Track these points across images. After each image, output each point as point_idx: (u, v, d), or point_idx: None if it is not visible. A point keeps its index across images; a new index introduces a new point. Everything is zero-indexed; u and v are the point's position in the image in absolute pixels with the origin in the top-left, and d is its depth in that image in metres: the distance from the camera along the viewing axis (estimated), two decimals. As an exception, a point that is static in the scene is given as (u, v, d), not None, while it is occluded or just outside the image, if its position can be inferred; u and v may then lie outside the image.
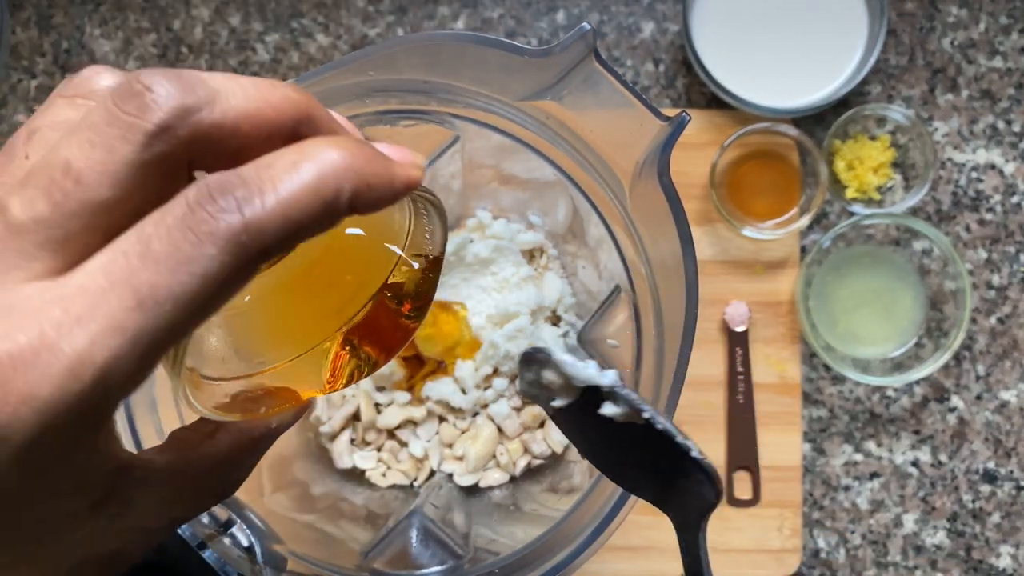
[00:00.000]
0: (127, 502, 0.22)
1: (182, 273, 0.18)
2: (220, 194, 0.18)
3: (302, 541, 0.45)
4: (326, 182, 0.19)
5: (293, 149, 0.20)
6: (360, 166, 0.20)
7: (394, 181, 0.21)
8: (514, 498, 0.58)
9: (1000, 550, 0.67)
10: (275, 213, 0.19)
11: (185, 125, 0.19)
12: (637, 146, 0.38)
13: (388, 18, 0.70)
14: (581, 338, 0.50)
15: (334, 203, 0.20)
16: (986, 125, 0.69)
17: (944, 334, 0.65)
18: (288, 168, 0.19)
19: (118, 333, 0.18)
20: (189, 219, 0.18)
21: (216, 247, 0.18)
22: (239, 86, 0.20)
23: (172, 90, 0.19)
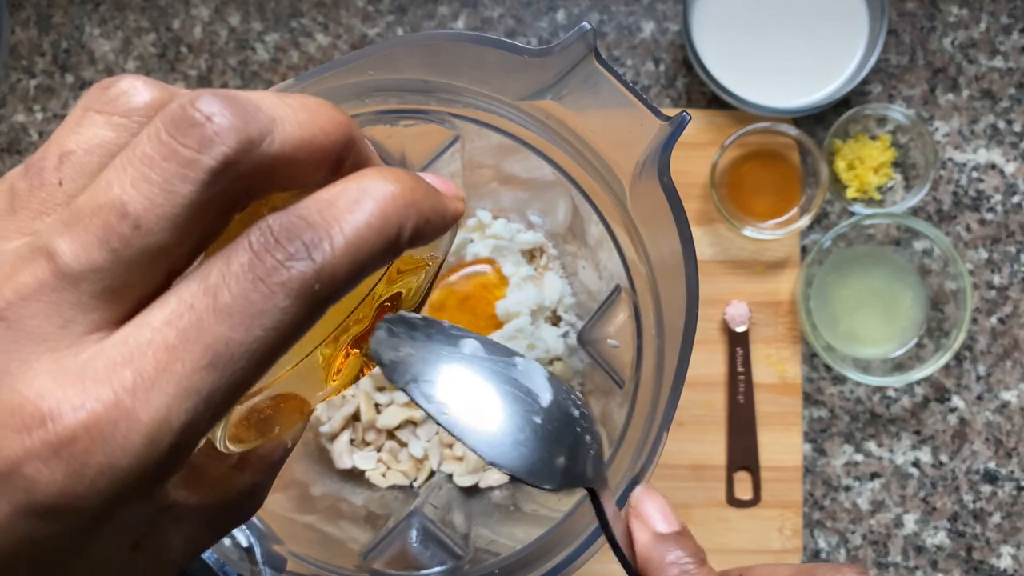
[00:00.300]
0: (164, 541, 0.21)
1: (256, 328, 0.17)
2: (287, 240, 0.17)
3: (302, 541, 0.45)
4: (390, 221, 0.19)
5: (352, 185, 0.19)
6: (419, 202, 0.19)
7: (447, 216, 0.21)
8: (514, 498, 0.58)
9: (1001, 550, 0.67)
10: (345, 257, 0.18)
11: (250, 160, 0.18)
12: (637, 146, 0.38)
13: (388, 18, 0.70)
14: (581, 338, 0.49)
15: (397, 241, 0.19)
16: (987, 125, 0.69)
17: (945, 334, 0.65)
18: (351, 207, 0.18)
19: (194, 395, 0.17)
20: (258, 268, 0.17)
21: (290, 298, 0.17)
22: (292, 112, 0.19)
23: (235, 120, 0.17)
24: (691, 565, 0.27)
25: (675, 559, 0.27)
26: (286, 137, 0.18)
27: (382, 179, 0.19)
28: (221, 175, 0.17)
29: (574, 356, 0.59)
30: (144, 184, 0.17)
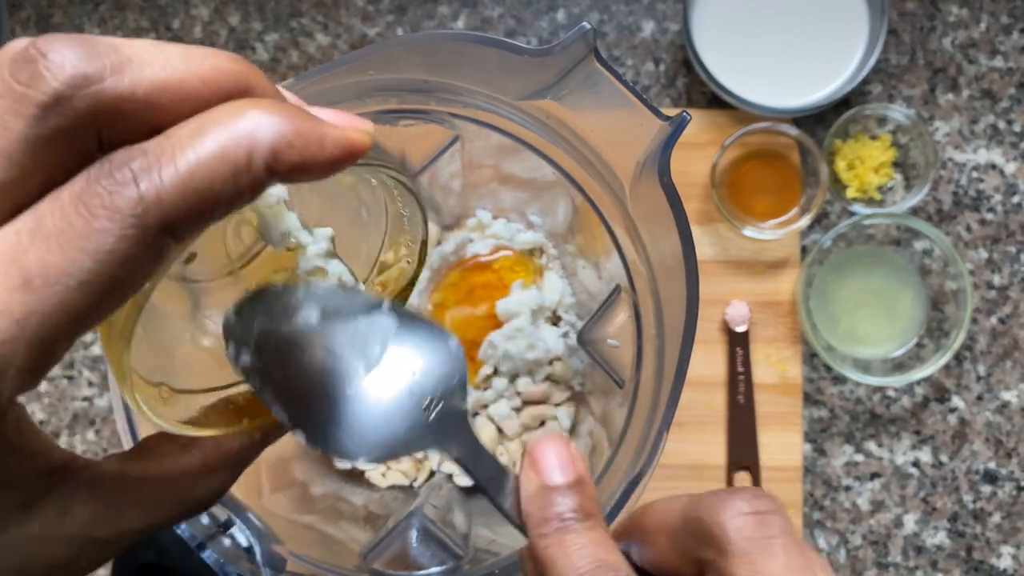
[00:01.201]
0: (66, 507, 0.20)
1: (73, 250, 0.17)
2: (118, 167, 0.17)
3: (301, 542, 0.45)
4: (235, 143, 0.17)
5: (202, 114, 0.18)
6: (277, 124, 0.18)
7: (324, 142, 0.19)
8: (514, 498, 0.58)
9: (1001, 551, 0.67)
10: (174, 181, 0.17)
11: (84, 96, 0.17)
12: (637, 146, 0.38)
13: (388, 17, 0.70)
14: (581, 338, 0.49)
15: (247, 167, 0.18)
16: (987, 125, 0.69)
17: (945, 334, 0.65)
18: (192, 133, 0.18)
19: (5, 316, 0.16)
20: (84, 194, 0.17)
21: (111, 222, 0.17)
22: (161, 54, 0.18)
23: (71, 57, 0.17)
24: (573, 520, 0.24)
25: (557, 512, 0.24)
26: (139, 78, 0.18)
27: (237, 105, 0.18)
28: (50, 110, 0.17)
29: (574, 356, 0.59)
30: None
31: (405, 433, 0.24)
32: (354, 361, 0.24)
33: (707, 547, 0.23)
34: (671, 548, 0.24)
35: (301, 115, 0.19)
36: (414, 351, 0.25)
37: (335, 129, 0.19)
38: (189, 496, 0.24)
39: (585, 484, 0.25)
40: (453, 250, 0.59)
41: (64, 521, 0.20)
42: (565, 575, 0.22)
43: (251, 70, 0.19)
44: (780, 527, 0.22)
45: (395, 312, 0.25)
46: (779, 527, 0.22)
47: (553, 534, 0.23)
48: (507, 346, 0.57)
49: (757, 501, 0.23)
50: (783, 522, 0.23)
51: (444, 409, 0.25)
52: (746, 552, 0.22)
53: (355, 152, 0.19)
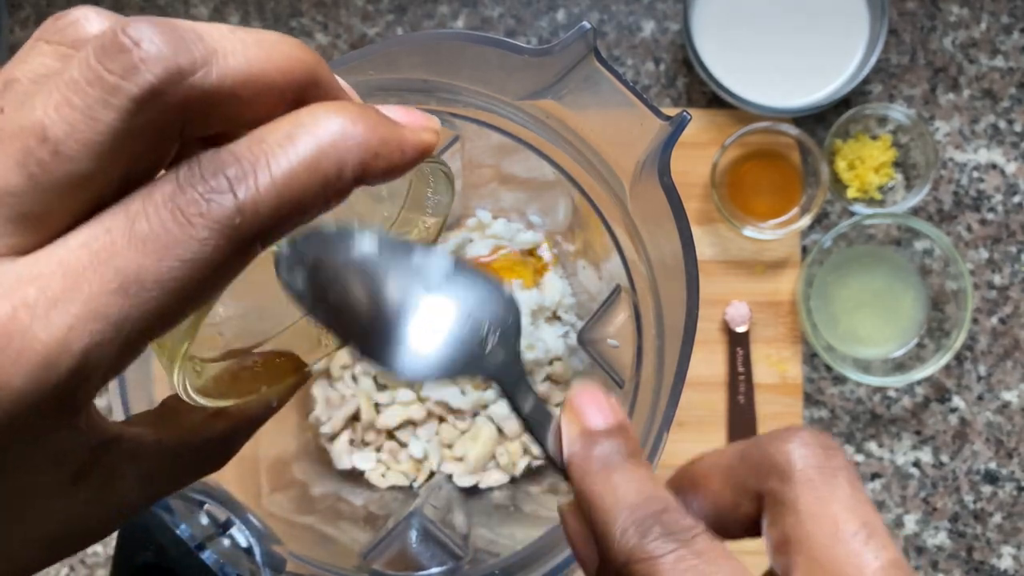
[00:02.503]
0: (112, 476, 0.21)
1: (171, 258, 0.17)
2: (212, 174, 0.17)
3: (301, 542, 0.44)
4: (326, 155, 0.18)
5: (289, 119, 0.18)
6: (364, 134, 0.18)
7: (404, 148, 0.19)
8: (514, 499, 0.58)
9: (1001, 551, 0.67)
10: (270, 193, 0.17)
11: (178, 91, 0.17)
12: (637, 145, 0.38)
13: (387, 17, 0.70)
14: (581, 338, 0.49)
15: (337, 178, 0.18)
16: (987, 125, 0.69)
17: (945, 334, 0.64)
18: (283, 141, 0.18)
19: (99, 319, 0.16)
20: (179, 199, 0.17)
21: (208, 231, 0.17)
22: (240, 43, 0.18)
23: (164, 48, 0.17)
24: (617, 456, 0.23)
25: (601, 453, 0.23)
26: (227, 70, 0.17)
27: (323, 111, 0.18)
28: (145, 104, 0.17)
29: (574, 356, 0.59)
30: (67, 109, 0.16)
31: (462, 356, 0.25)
32: (413, 284, 0.24)
33: (768, 476, 0.22)
34: (725, 486, 0.23)
35: (382, 121, 0.19)
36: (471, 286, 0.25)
37: (411, 132, 0.20)
38: (210, 461, 0.24)
39: (627, 428, 0.25)
40: (453, 250, 0.59)
41: (107, 490, 0.21)
42: (613, 512, 0.22)
43: (317, 59, 0.20)
44: (846, 461, 0.22)
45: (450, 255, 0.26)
46: (844, 461, 0.22)
47: (599, 473, 0.23)
48: (507, 346, 0.57)
49: (821, 435, 0.22)
50: (847, 458, 0.22)
51: (499, 342, 0.25)
52: (812, 480, 0.21)
53: (427, 153, 0.20)
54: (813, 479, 0.21)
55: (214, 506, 0.39)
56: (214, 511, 0.40)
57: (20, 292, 0.16)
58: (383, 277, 0.23)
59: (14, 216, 0.17)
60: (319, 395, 0.60)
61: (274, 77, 0.18)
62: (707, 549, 0.20)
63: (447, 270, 0.25)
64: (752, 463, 0.23)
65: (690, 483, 0.24)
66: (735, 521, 0.23)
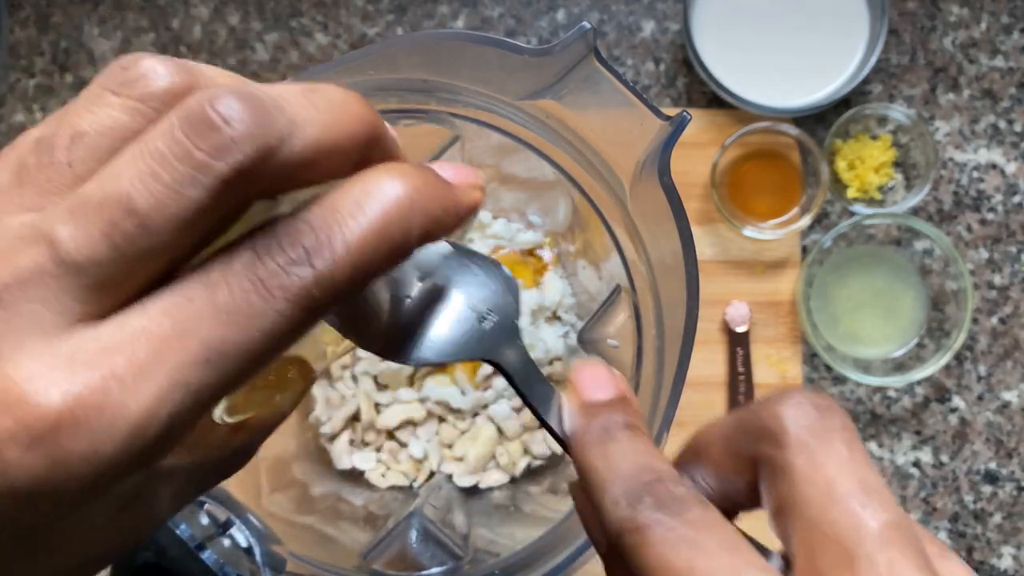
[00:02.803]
0: (153, 499, 0.21)
1: (252, 329, 0.17)
2: (290, 245, 0.17)
3: (301, 542, 0.44)
4: (394, 225, 0.18)
5: (358, 186, 0.18)
6: (427, 202, 0.19)
7: (459, 210, 0.20)
8: (514, 499, 0.58)
9: (1001, 551, 0.67)
10: (345, 263, 0.18)
11: (265, 168, 0.17)
12: (637, 145, 0.38)
13: (387, 17, 0.70)
14: (581, 338, 0.49)
15: (404, 243, 0.18)
16: (987, 125, 0.69)
17: (945, 334, 0.64)
18: (354, 211, 0.18)
19: (184, 387, 0.17)
20: (260, 270, 0.17)
21: (288, 303, 0.17)
22: (316, 113, 0.18)
23: (253, 126, 0.17)
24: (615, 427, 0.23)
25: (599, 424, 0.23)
26: (307, 142, 0.18)
27: (389, 179, 0.19)
28: (235, 183, 0.17)
29: (574, 356, 0.59)
30: (154, 183, 0.17)
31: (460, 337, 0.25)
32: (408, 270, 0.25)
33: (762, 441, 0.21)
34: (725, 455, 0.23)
35: (440, 185, 0.19)
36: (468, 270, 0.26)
37: (464, 193, 0.20)
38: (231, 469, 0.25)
39: (628, 401, 0.24)
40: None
41: (147, 512, 0.21)
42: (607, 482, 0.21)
43: (377, 117, 0.20)
44: (842, 422, 0.21)
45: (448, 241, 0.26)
46: (841, 421, 0.21)
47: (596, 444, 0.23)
48: (507, 346, 0.57)
49: (817, 396, 0.21)
50: (845, 418, 0.21)
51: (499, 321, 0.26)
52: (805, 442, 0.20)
53: (477, 210, 0.21)
54: (806, 441, 0.20)
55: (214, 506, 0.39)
56: (214, 511, 0.40)
57: (108, 361, 0.16)
58: None
59: (96, 284, 0.17)
60: (319, 395, 0.60)
61: (344, 143, 0.19)
62: (699, 518, 0.20)
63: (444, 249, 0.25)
64: (747, 429, 0.22)
65: (693, 454, 0.24)
66: (738, 491, 0.22)
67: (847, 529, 0.19)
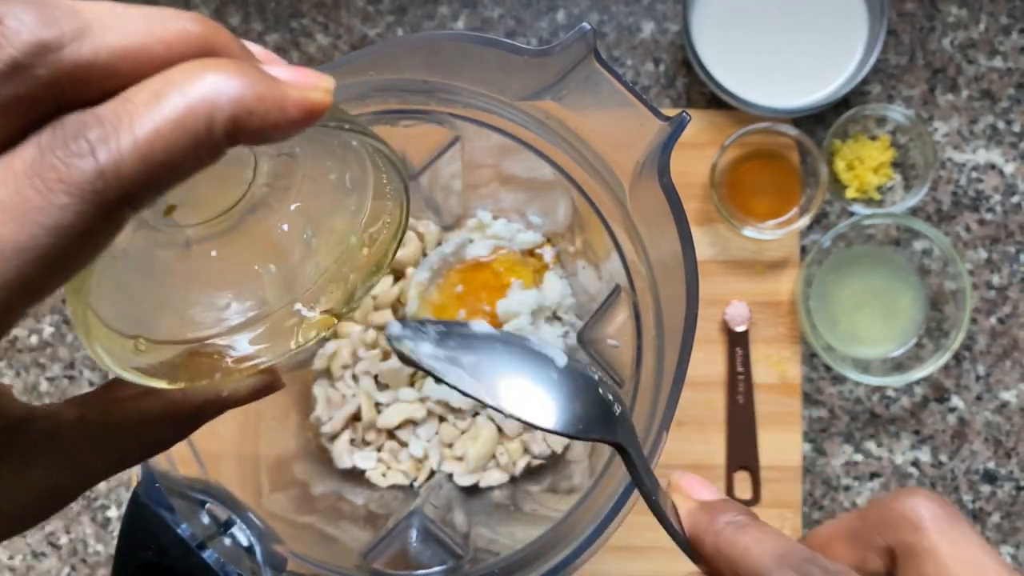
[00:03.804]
0: (28, 459, 0.21)
1: (30, 224, 0.16)
2: (73, 137, 0.17)
3: (302, 541, 0.45)
4: (195, 113, 0.17)
5: (159, 77, 0.18)
6: (238, 90, 0.18)
7: (285, 106, 0.18)
8: (514, 498, 0.58)
9: (1001, 551, 0.67)
10: (134, 154, 0.17)
11: (43, 64, 0.17)
12: (637, 146, 0.38)
13: (388, 18, 0.70)
14: (581, 338, 0.49)
15: (207, 136, 0.17)
16: (986, 125, 0.69)
17: (944, 334, 0.65)
18: (149, 100, 0.17)
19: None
20: (38, 165, 0.16)
21: (68, 196, 0.16)
22: (120, 19, 0.18)
23: (29, 22, 0.16)
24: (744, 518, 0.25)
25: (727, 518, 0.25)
26: (100, 44, 0.17)
27: (196, 69, 0.18)
28: (7, 78, 0.16)
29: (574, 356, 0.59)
30: None
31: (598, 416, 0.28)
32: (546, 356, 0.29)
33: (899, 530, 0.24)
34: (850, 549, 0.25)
35: (260, 77, 0.18)
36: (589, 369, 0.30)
37: (295, 90, 0.19)
38: (148, 440, 0.24)
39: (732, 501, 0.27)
40: (453, 251, 0.59)
41: (25, 473, 0.21)
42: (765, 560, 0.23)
43: (215, 30, 0.19)
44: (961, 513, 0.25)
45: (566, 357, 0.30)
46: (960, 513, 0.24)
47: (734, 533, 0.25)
48: (507, 346, 0.57)
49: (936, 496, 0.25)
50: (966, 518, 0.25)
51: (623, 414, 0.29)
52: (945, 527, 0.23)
53: (315, 114, 0.19)
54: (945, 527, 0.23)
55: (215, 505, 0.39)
56: (215, 510, 0.40)
57: None
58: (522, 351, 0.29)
59: None
60: (320, 395, 0.60)
61: (158, 50, 0.18)
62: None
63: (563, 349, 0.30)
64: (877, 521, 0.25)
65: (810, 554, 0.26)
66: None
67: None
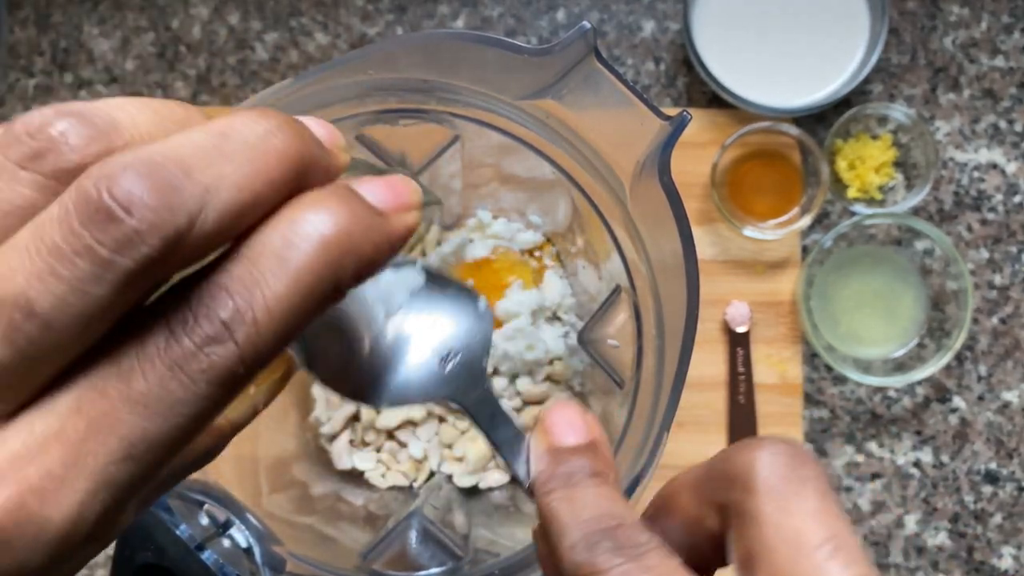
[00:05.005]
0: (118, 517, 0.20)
1: (175, 416, 0.16)
2: (206, 319, 0.16)
3: (301, 542, 0.44)
4: (322, 275, 0.16)
5: (277, 233, 0.16)
6: (357, 241, 0.17)
7: (392, 241, 0.18)
8: (514, 499, 0.58)
9: (1002, 551, 0.67)
10: (271, 331, 0.16)
11: (176, 252, 0.15)
12: (637, 145, 0.38)
13: (387, 17, 0.70)
14: (581, 338, 0.49)
15: (333, 297, 0.17)
16: (988, 124, 0.69)
17: (946, 334, 0.64)
18: (276, 267, 0.16)
19: (108, 488, 0.16)
20: (175, 353, 0.15)
21: (211, 386, 0.16)
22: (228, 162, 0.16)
23: (156, 207, 0.15)
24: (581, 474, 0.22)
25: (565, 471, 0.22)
26: (223, 210, 0.16)
27: (314, 220, 0.16)
28: (142, 275, 0.15)
29: (574, 356, 0.59)
30: (53, 280, 0.15)
31: (419, 380, 0.24)
32: (376, 307, 0.24)
33: (731, 488, 0.21)
34: (692, 502, 0.22)
35: (369, 218, 0.17)
36: (438, 305, 0.25)
37: (398, 220, 0.18)
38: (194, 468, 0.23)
39: (598, 446, 0.23)
40: (453, 250, 0.59)
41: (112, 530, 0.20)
42: (568, 527, 0.20)
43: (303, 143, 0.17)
44: (815, 471, 0.20)
45: (424, 270, 0.25)
46: (814, 471, 0.20)
47: (559, 490, 0.22)
48: (507, 346, 0.57)
49: (790, 444, 0.21)
50: (819, 467, 0.20)
51: (462, 362, 0.25)
52: (775, 489, 0.20)
53: (412, 233, 0.19)
54: (777, 488, 0.20)
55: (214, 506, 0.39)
56: (214, 511, 0.39)
57: (21, 475, 0.15)
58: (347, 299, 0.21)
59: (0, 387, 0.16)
60: (319, 395, 0.60)
61: (268, 196, 0.16)
62: (657, 564, 0.19)
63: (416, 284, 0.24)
64: (717, 474, 0.21)
65: (662, 503, 0.23)
66: (704, 539, 0.22)
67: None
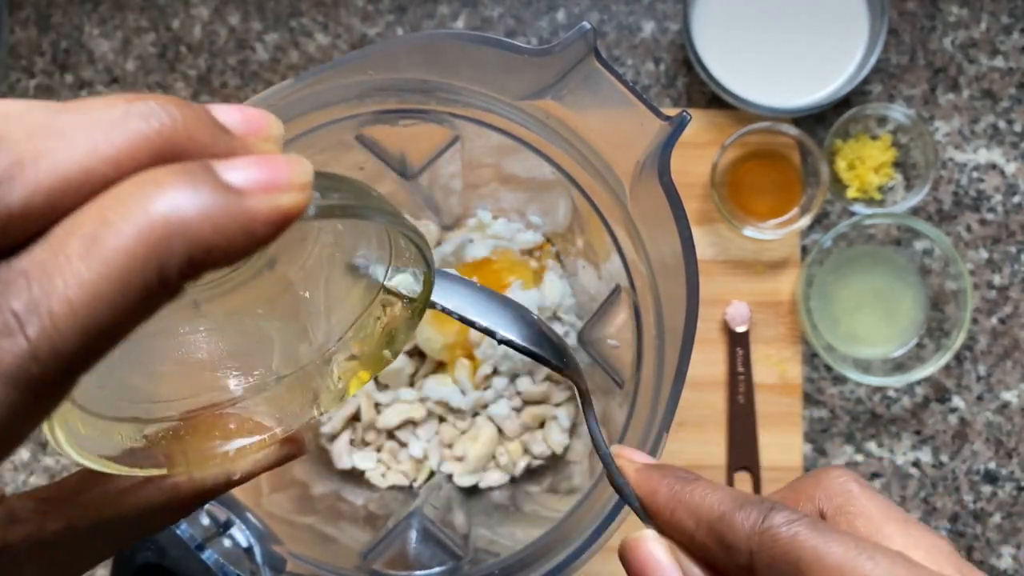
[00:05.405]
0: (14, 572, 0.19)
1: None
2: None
3: (301, 542, 0.44)
4: (141, 263, 0.14)
5: (94, 211, 0.14)
6: (191, 221, 0.14)
7: (253, 227, 0.15)
8: (514, 499, 0.58)
9: (1001, 551, 0.67)
10: (72, 324, 0.14)
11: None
12: (637, 146, 0.38)
13: (388, 17, 0.70)
14: (581, 338, 0.49)
15: (159, 286, 0.14)
16: (987, 125, 0.69)
17: (945, 334, 0.64)
18: (84, 249, 0.14)
19: None
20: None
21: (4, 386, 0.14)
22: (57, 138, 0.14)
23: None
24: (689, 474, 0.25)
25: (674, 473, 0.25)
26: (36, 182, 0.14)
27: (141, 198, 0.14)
28: None
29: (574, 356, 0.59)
30: None
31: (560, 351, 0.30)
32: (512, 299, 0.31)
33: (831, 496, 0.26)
34: None
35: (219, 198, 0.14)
36: None
37: (262, 202, 0.15)
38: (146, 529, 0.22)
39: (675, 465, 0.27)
40: (453, 251, 0.59)
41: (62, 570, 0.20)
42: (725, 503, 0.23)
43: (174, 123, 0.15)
44: None
45: None
46: None
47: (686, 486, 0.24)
48: (507, 346, 0.57)
49: None
50: None
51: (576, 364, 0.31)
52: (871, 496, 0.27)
53: (289, 220, 0.15)
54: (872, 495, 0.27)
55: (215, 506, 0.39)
56: (214, 511, 0.40)
57: None
58: None
59: None
60: (319, 395, 0.60)
61: (103, 172, 0.14)
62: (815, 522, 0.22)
63: None
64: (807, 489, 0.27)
65: None
66: None
67: None
